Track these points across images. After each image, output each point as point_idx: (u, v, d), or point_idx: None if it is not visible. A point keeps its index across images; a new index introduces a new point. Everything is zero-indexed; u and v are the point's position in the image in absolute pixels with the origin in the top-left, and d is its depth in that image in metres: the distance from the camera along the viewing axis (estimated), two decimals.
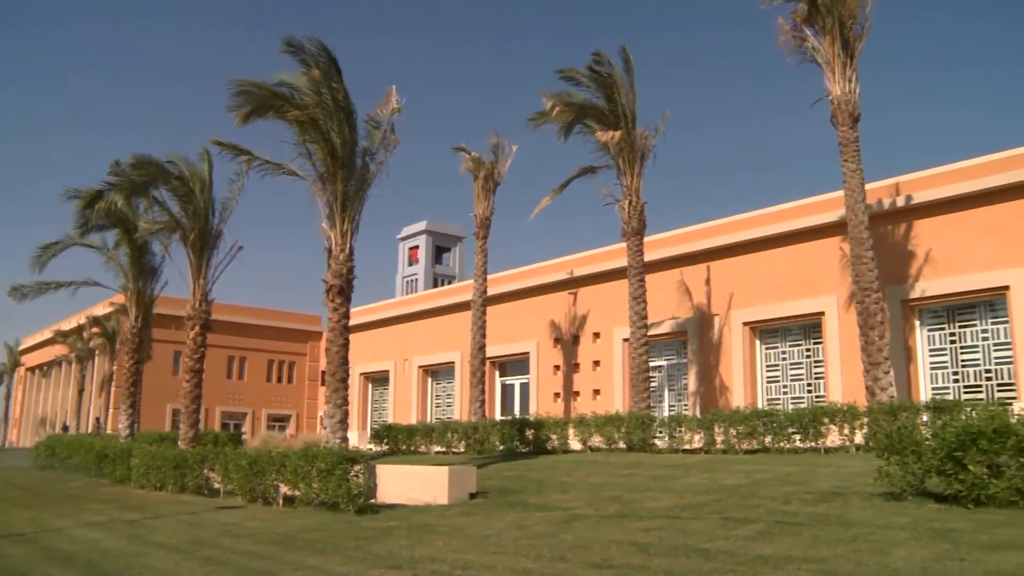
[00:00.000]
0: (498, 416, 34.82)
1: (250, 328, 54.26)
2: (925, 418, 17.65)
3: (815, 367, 26.13)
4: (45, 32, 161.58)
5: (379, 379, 44.53)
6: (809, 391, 26.18)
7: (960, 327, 23.36)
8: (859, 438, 19.77)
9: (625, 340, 28.19)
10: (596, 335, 32.25)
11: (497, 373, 36.89)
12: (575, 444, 25.65)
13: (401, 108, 22.49)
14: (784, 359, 27.06)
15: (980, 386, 22.77)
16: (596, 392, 31.78)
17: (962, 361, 23.21)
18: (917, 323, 23.95)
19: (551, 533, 11.92)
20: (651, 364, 27.13)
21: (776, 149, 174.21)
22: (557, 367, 33.66)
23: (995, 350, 22.64)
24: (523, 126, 27.88)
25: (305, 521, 15.12)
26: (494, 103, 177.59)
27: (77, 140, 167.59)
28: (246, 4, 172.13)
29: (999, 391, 22.28)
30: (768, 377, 27.37)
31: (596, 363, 32.12)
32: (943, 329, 23.67)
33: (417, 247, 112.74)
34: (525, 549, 10.85)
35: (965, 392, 22.85)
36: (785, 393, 26.79)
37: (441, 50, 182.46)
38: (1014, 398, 21.06)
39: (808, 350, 26.45)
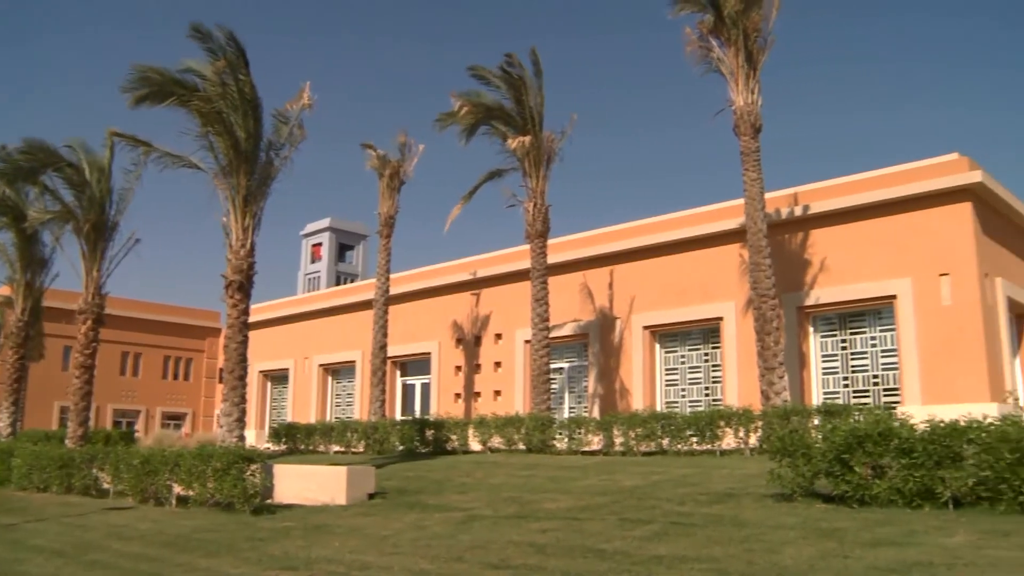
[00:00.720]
0: (398, 416, 34.60)
1: (146, 323, 52.69)
2: (816, 422, 18.16)
3: (713, 371, 26.61)
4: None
5: (279, 377, 43.81)
6: (707, 394, 26.65)
7: (851, 334, 24.07)
8: (754, 441, 20.26)
9: (527, 342, 28.30)
10: (498, 336, 32.29)
11: (398, 373, 36.65)
12: (475, 445, 25.68)
13: (312, 104, 22.24)
14: (683, 363, 27.49)
15: (868, 391, 23.49)
16: (497, 393, 31.82)
17: (852, 367, 23.92)
18: (811, 329, 24.60)
19: (449, 534, 11.89)
20: (552, 366, 27.27)
21: (681, 156, 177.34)
22: (458, 367, 33.60)
23: (883, 356, 23.39)
24: (431, 126, 27.86)
25: (198, 522, 14.77)
26: (403, 102, 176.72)
27: None
28: None
29: (885, 396, 23.02)
30: (667, 380, 27.77)
31: (497, 364, 32.16)
32: (835, 336, 24.36)
33: (320, 244, 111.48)
34: (423, 550, 10.79)
35: (854, 397, 23.55)
36: (683, 396, 27.22)
37: (351, 47, 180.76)
38: (898, 402, 21.78)
39: (706, 354, 26.92)
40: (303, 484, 16.89)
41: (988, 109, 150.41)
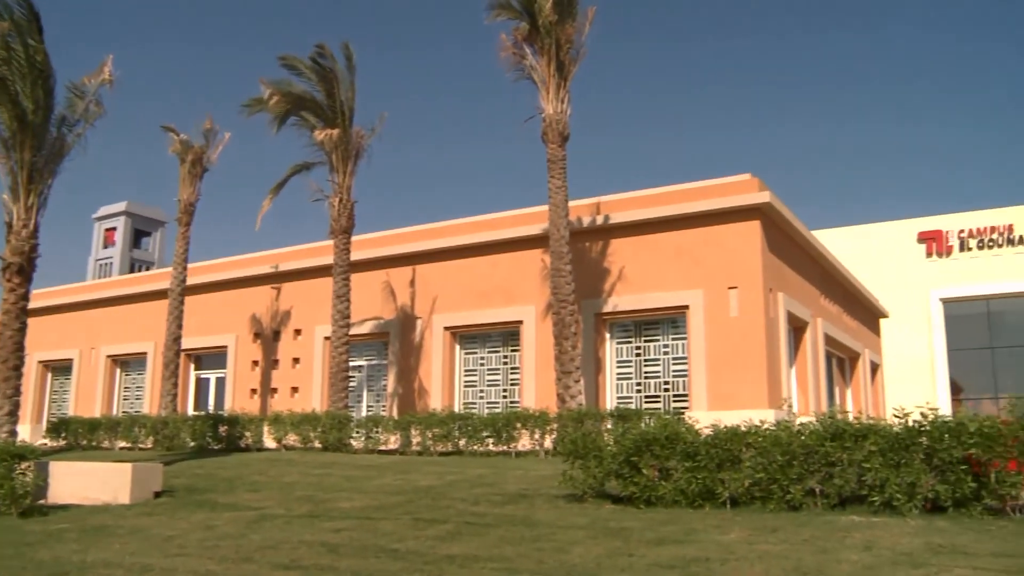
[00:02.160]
0: (191, 411, 33.36)
1: None
2: (609, 425, 18.75)
3: (511, 373, 27.01)
4: None
5: (61, 368, 41.26)
6: (505, 396, 27.02)
7: (645, 341, 24.97)
8: (549, 443, 20.71)
9: (327, 338, 27.90)
10: (298, 332, 31.65)
11: (192, 366, 35.30)
12: (270, 442, 25.14)
13: (113, 80, 21.11)
14: (482, 364, 27.77)
15: (659, 396, 24.43)
16: (295, 390, 31.19)
17: (645, 373, 24.81)
18: (608, 335, 25.34)
19: (239, 533, 11.53)
20: (352, 363, 27.08)
21: (490, 160, 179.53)
22: (256, 362, 32.72)
23: (674, 363, 24.37)
24: (239, 111, 27.19)
25: None
26: (209, 88, 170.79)
27: None
28: None
29: (675, 401, 24.00)
30: (466, 381, 27.98)
31: (296, 360, 31.53)
32: (630, 342, 25.21)
33: (114, 229, 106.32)
34: (210, 550, 10.41)
35: (646, 402, 24.43)
36: (482, 398, 27.50)
37: (159, 30, 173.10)
38: (687, 408, 22.77)
39: (506, 357, 27.30)
40: (82, 482, 15.92)
41: (779, 129, 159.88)
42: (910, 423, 11.36)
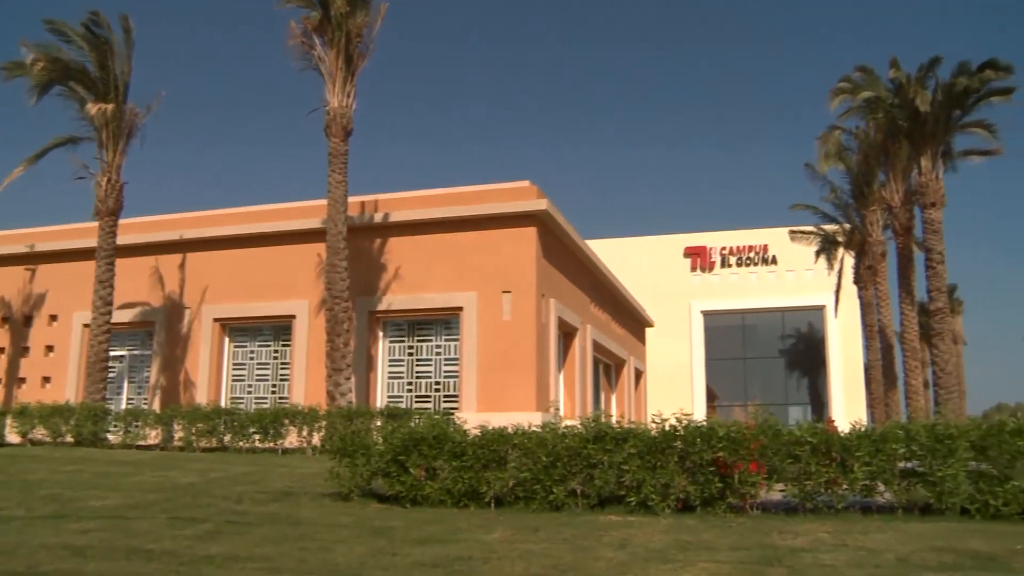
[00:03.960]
0: None
1: None
2: (379, 423, 18.74)
3: (282, 369, 26.49)
4: None
5: None
6: (274, 392, 26.46)
7: (418, 341, 25.11)
8: (317, 440, 20.48)
9: (86, 325, 26.40)
10: (53, 317, 29.72)
11: None
12: (14, 437, 23.48)
13: None
14: (252, 359, 27.08)
15: (430, 396, 24.64)
16: (46, 380, 29.26)
17: (417, 372, 24.95)
18: (381, 334, 25.31)
19: None
20: (112, 353, 25.78)
21: (272, 150, 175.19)
22: (2, 349, 30.45)
23: (445, 364, 24.65)
24: None
25: None
26: None
27: None
28: None
29: (446, 402, 24.27)
30: (234, 376, 27.20)
31: (50, 348, 29.58)
32: (403, 341, 25.27)
33: None
34: None
35: (417, 401, 24.57)
36: (250, 392, 26.81)
37: None
38: (457, 408, 23.08)
39: (276, 352, 26.74)
40: None
41: (558, 139, 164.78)
42: (667, 428, 12.01)
